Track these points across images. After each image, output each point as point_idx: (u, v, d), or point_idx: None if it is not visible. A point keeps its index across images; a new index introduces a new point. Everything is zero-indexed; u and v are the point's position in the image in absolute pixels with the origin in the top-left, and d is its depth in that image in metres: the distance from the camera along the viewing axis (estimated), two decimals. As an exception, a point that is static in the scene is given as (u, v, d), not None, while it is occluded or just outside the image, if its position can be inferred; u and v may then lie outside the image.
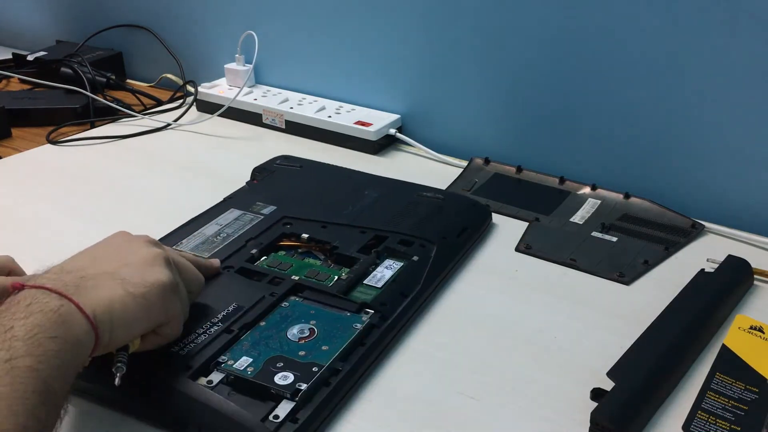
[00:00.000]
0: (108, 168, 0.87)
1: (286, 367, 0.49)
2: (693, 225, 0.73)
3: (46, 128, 0.98)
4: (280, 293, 0.57)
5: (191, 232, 0.67)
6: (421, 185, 0.77)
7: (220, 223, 0.68)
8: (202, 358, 0.49)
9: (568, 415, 0.49)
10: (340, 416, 0.49)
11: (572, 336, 0.58)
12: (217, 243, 0.65)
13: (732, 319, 0.59)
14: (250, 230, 0.67)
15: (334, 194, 0.75)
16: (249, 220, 0.69)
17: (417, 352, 0.56)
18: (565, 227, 0.74)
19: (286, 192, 0.75)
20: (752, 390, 0.50)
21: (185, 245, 0.65)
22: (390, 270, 0.62)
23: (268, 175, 0.79)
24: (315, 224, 0.68)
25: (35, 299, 0.41)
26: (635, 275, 0.66)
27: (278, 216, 0.69)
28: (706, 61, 0.73)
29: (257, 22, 1.03)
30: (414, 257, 0.64)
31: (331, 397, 0.48)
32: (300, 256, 0.65)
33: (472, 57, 0.87)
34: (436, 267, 0.63)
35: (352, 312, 0.56)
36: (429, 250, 0.65)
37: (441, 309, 0.61)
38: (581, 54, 0.79)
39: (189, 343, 0.50)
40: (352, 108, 0.98)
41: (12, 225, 0.74)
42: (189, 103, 1.04)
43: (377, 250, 0.65)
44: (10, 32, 1.40)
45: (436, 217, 0.71)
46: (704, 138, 0.76)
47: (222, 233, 0.66)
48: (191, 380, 0.47)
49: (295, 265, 0.63)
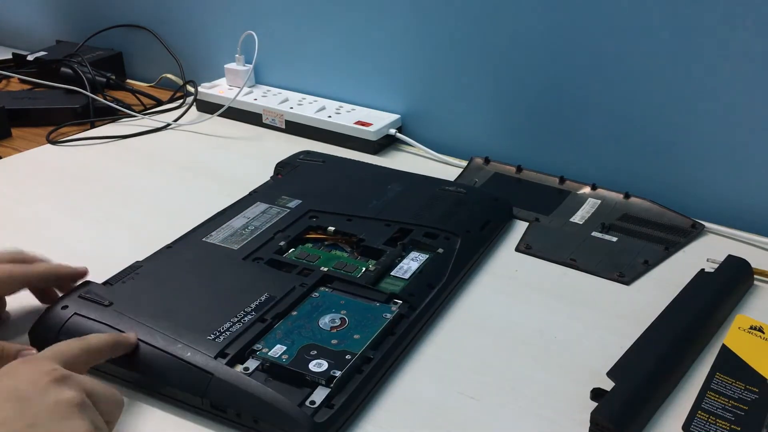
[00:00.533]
0: (108, 168, 0.87)
1: (320, 354, 0.50)
2: (693, 225, 0.73)
3: (46, 128, 0.98)
4: (310, 284, 0.58)
5: (220, 224, 0.68)
6: (443, 180, 0.79)
7: (248, 216, 0.69)
8: (237, 346, 0.50)
9: (568, 415, 0.49)
10: (372, 403, 0.50)
11: (572, 336, 0.58)
12: (245, 235, 0.66)
13: (732, 319, 0.59)
14: (278, 223, 0.68)
15: (358, 188, 0.76)
16: (276, 213, 0.70)
17: (417, 353, 0.56)
18: (565, 227, 0.74)
19: (310, 186, 0.76)
20: (752, 390, 0.50)
21: (215, 237, 0.66)
22: (416, 262, 0.63)
23: (291, 170, 0.80)
24: (341, 217, 0.69)
25: None
26: (635, 275, 0.66)
27: (304, 209, 0.71)
28: (707, 60, 0.73)
29: (257, 22, 1.03)
30: (439, 249, 0.65)
31: (364, 384, 0.49)
32: (327, 248, 0.66)
33: (472, 57, 0.87)
34: (462, 259, 0.65)
35: (381, 302, 0.57)
36: (453, 243, 0.66)
37: (441, 309, 0.61)
38: (582, 54, 0.79)
39: (224, 332, 0.51)
40: (352, 108, 0.98)
41: (12, 225, 0.74)
42: (189, 103, 1.04)
43: (403, 242, 0.66)
44: (10, 32, 1.40)
45: (460, 211, 0.72)
46: (704, 138, 0.76)
47: (250, 226, 0.68)
48: (228, 367, 0.48)
49: (323, 256, 0.64)
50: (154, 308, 0.54)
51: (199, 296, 0.57)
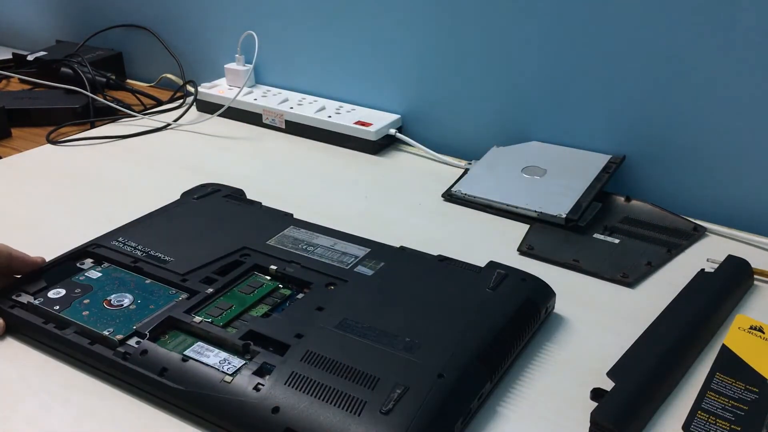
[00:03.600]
0: (108, 168, 0.87)
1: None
2: (695, 228, 0.73)
3: (46, 128, 0.98)
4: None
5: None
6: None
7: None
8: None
9: (568, 415, 0.49)
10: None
11: (572, 336, 0.58)
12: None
13: (732, 319, 0.59)
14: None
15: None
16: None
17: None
18: (566, 229, 0.74)
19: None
20: (752, 390, 0.50)
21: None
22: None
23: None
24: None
25: None
26: (639, 276, 0.65)
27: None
28: (707, 62, 0.73)
29: (257, 22, 1.03)
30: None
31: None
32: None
33: (472, 57, 0.87)
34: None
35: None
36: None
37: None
38: (582, 55, 0.79)
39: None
40: (352, 108, 0.98)
41: (12, 225, 0.74)
42: (189, 103, 1.04)
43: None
44: (10, 32, 1.40)
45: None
46: (704, 138, 0.75)
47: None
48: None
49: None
50: None
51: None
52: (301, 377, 0.47)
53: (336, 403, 0.45)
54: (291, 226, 0.67)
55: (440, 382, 0.47)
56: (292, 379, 0.47)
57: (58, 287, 0.58)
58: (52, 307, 0.56)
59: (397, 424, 0.44)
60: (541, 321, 0.58)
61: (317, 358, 0.49)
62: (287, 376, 0.48)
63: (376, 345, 0.50)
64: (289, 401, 0.46)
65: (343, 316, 0.54)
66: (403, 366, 0.48)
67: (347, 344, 0.51)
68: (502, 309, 0.55)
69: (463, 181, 0.82)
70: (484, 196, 0.78)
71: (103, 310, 0.56)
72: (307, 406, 0.46)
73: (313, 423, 0.45)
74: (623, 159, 0.80)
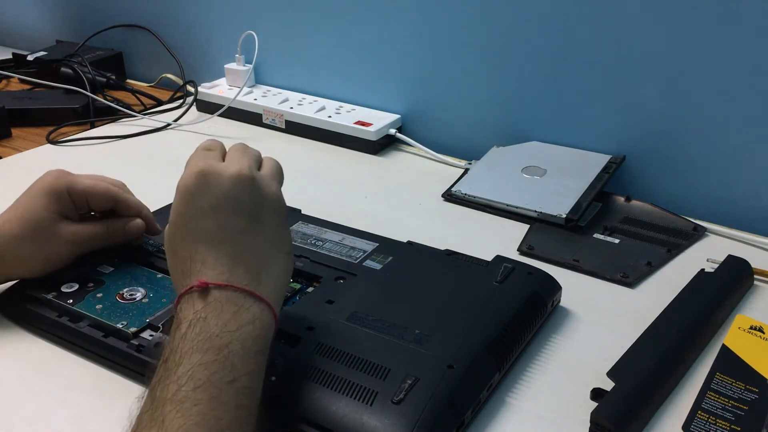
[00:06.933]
0: (108, 168, 0.87)
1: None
2: (695, 228, 0.73)
3: (46, 128, 0.98)
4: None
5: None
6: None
7: None
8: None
9: (568, 415, 0.49)
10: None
11: (572, 336, 0.58)
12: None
13: (732, 319, 0.59)
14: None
15: None
16: None
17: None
18: (566, 229, 0.74)
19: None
20: (752, 390, 0.50)
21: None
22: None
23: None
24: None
25: (240, 305, 0.42)
26: (639, 277, 0.65)
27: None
28: (706, 62, 0.73)
29: (257, 22, 1.03)
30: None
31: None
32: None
33: (472, 57, 0.87)
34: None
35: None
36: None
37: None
38: (582, 55, 0.80)
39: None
40: (352, 108, 0.98)
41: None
42: (189, 103, 1.04)
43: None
44: (10, 32, 1.40)
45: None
46: (704, 138, 0.76)
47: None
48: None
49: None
50: None
51: None
52: (313, 368, 0.48)
53: (348, 394, 0.46)
54: (300, 222, 0.68)
55: (450, 372, 0.47)
56: (304, 370, 0.48)
57: (71, 281, 0.59)
58: (65, 300, 0.56)
59: (409, 413, 0.44)
60: (547, 314, 0.59)
61: (328, 350, 0.49)
62: (299, 367, 0.48)
63: (386, 337, 0.51)
64: (302, 392, 0.46)
65: (353, 309, 0.54)
66: (413, 357, 0.49)
67: (358, 336, 0.51)
68: (510, 302, 0.56)
69: (463, 181, 0.82)
70: (484, 196, 0.78)
71: (116, 303, 0.56)
72: (320, 396, 0.46)
73: (326, 413, 0.45)
74: (623, 159, 0.80)
